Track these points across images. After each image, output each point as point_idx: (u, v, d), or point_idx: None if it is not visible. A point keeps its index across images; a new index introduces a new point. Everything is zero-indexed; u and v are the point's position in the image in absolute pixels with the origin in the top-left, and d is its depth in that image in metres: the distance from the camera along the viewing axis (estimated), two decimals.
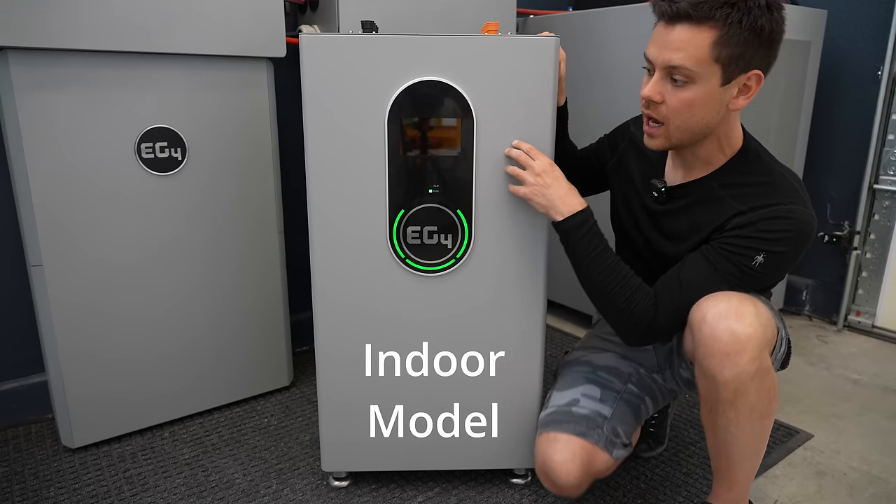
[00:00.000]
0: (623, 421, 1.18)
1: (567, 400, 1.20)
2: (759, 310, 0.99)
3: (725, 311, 0.98)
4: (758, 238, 1.01)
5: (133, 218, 1.44)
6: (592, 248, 1.10)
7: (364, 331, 1.25)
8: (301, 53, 1.11)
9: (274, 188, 1.62)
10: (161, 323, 1.52)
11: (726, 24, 0.94)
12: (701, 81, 0.98)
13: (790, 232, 1.00)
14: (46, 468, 1.42)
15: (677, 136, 1.05)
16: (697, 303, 1.02)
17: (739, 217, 1.03)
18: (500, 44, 1.12)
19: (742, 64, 0.98)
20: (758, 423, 1.03)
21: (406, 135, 1.15)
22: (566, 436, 1.13)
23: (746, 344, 0.96)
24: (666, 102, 1.02)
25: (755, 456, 1.09)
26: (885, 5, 2.04)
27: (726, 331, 0.96)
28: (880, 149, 2.13)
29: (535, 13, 2.24)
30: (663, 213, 1.16)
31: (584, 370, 1.26)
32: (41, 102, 1.28)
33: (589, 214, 1.12)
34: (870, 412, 1.71)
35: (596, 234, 1.11)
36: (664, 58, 0.99)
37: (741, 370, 0.97)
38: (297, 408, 1.69)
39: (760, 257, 1.01)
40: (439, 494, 1.35)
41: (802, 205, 1.03)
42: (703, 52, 0.96)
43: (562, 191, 1.12)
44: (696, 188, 1.12)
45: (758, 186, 1.05)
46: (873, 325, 2.22)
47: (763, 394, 1.00)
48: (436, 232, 1.19)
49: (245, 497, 1.33)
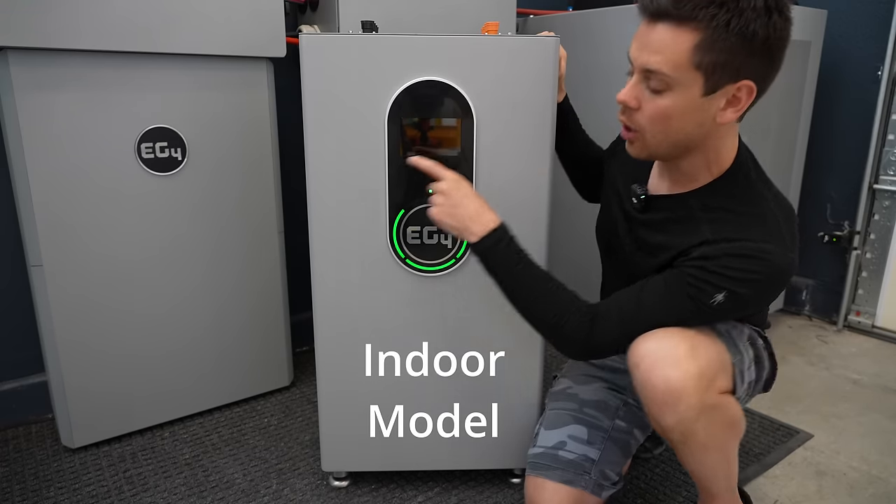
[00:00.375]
0: (611, 461, 1.14)
1: (554, 442, 1.15)
2: (697, 349, 0.93)
3: (660, 356, 0.92)
4: (720, 274, 0.91)
5: (133, 218, 1.44)
6: (513, 264, 1.02)
7: (364, 331, 1.25)
8: (301, 53, 1.11)
9: (274, 188, 1.62)
10: (161, 323, 1.52)
11: (711, 27, 0.84)
12: (679, 89, 0.88)
13: (758, 273, 0.90)
14: (46, 468, 1.42)
15: (655, 147, 0.97)
16: (635, 341, 0.95)
17: (705, 247, 0.93)
18: (500, 44, 1.12)
19: (730, 72, 0.87)
20: (714, 454, 1.01)
21: (406, 135, 1.15)
22: (553, 484, 1.10)
23: (681, 392, 0.91)
24: (642, 109, 0.93)
25: (726, 476, 1.08)
26: (885, 5, 2.04)
27: (660, 379, 0.92)
28: (880, 149, 2.13)
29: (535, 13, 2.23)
30: (640, 222, 1.08)
31: (571, 407, 1.20)
32: (41, 102, 1.28)
33: (504, 231, 1.03)
34: (870, 412, 1.71)
35: (515, 249, 1.03)
36: (642, 59, 0.90)
37: (681, 417, 0.93)
38: (297, 408, 1.69)
39: (720, 296, 0.91)
40: (439, 494, 1.35)
41: (780, 245, 0.92)
42: (683, 56, 0.86)
43: (472, 209, 1.03)
44: (676, 204, 1.03)
45: (738, 216, 0.95)
46: (873, 325, 2.22)
47: (714, 429, 0.97)
48: (436, 232, 1.19)
49: (245, 497, 1.33)
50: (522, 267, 1.02)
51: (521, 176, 1.18)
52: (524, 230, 1.19)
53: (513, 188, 1.18)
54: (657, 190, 1.08)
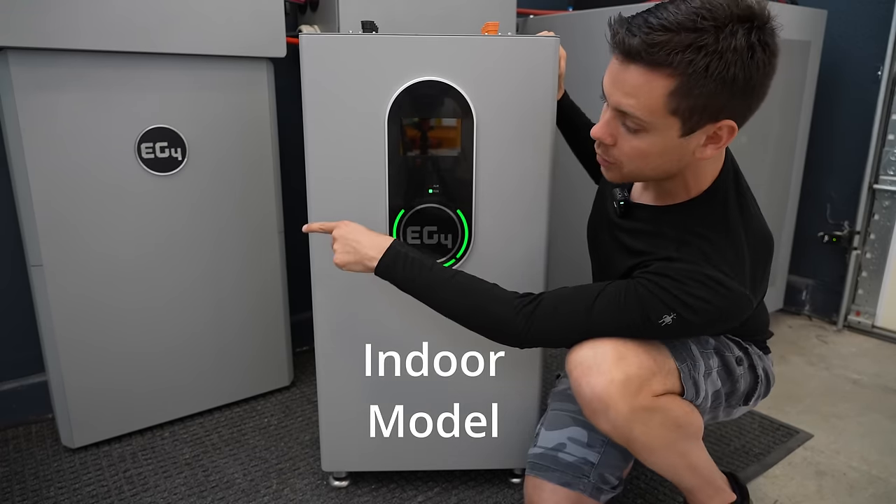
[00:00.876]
0: (611, 465, 1.13)
1: (554, 443, 1.15)
2: (625, 356, 0.94)
3: (588, 364, 0.94)
4: (674, 296, 0.89)
5: (133, 218, 1.44)
6: (417, 271, 1.02)
7: (364, 331, 1.25)
8: (301, 53, 1.11)
9: (274, 188, 1.62)
10: (161, 323, 1.52)
11: (687, 73, 0.79)
12: (655, 132, 0.86)
13: (711, 305, 0.89)
14: (46, 468, 1.42)
15: (632, 176, 0.97)
16: (572, 349, 0.98)
17: (666, 262, 0.93)
18: (500, 44, 1.12)
19: (709, 114, 0.83)
20: (664, 453, 1.02)
21: (406, 135, 1.15)
22: (552, 486, 1.11)
23: (608, 399, 0.92)
24: (618, 146, 0.91)
25: (690, 472, 1.08)
26: (885, 5, 2.04)
27: (587, 388, 0.94)
28: (880, 149, 2.13)
29: (535, 13, 2.24)
30: (618, 227, 1.08)
31: (572, 409, 1.19)
32: (41, 102, 1.28)
33: (400, 244, 1.04)
34: (870, 412, 1.71)
35: (417, 258, 1.03)
36: (615, 99, 0.87)
37: (614, 423, 0.95)
38: (297, 408, 1.69)
39: (669, 318, 0.90)
40: (439, 494, 1.35)
41: (740, 280, 0.91)
42: (657, 101, 0.82)
43: (365, 239, 1.05)
44: (651, 216, 1.02)
45: (705, 241, 0.93)
46: (873, 325, 2.22)
47: (654, 431, 0.97)
48: (436, 232, 1.19)
49: (245, 497, 1.33)
50: (429, 270, 1.03)
51: (521, 176, 1.18)
52: (524, 230, 1.20)
53: (513, 188, 1.18)
54: (639, 198, 1.08)
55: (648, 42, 0.79)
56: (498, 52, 1.12)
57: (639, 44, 0.79)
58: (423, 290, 1.04)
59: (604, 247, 1.14)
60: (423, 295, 1.04)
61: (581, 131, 1.32)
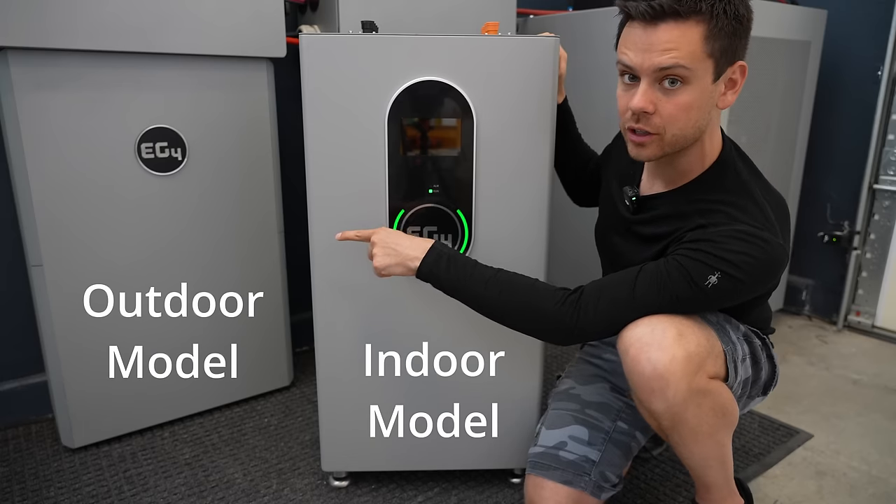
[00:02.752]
0: (611, 463, 1.13)
1: (555, 442, 1.15)
2: (685, 333, 0.94)
3: (646, 341, 0.93)
4: (714, 255, 0.92)
5: (133, 218, 1.44)
6: (462, 271, 1.04)
7: (364, 331, 1.25)
8: (301, 53, 1.11)
9: (274, 188, 1.62)
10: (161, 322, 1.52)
11: (713, 16, 0.89)
12: (696, 81, 0.92)
13: (752, 257, 0.92)
14: (46, 468, 1.42)
15: (672, 144, 0.98)
16: (625, 328, 0.96)
17: (699, 230, 0.96)
18: (500, 44, 1.12)
19: (729, 56, 0.93)
20: (706, 441, 1.01)
21: (406, 135, 1.15)
22: (552, 484, 1.10)
23: (669, 377, 0.92)
24: (659, 111, 0.94)
25: (719, 466, 1.08)
26: (884, 6, 2.04)
27: (647, 364, 0.92)
28: (880, 149, 2.13)
29: (535, 13, 2.24)
30: (633, 223, 1.11)
31: (573, 408, 1.20)
32: (41, 102, 1.28)
33: (442, 246, 1.06)
34: (870, 412, 1.71)
35: (460, 258, 1.05)
36: (652, 61, 0.91)
37: (670, 402, 0.94)
38: (297, 408, 1.69)
39: (714, 277, 0.91)
40: (439, 494, 1.35)
41: (773, 233, 0.95)
42: (697, 47, 0.89)
43: (406, 241, 1.07)
44: (667, 200, 1.06)
45: (728, 206, 0.98)
46: (873, 325, 2.22)
47: (704, 415, 0.97)
48: (436, 232, 1.19)
49: (245, 497, 1.33)
50: (472, 270, 1.04)
51: (521, 176, 1.18)
52: (524, 231, 1.20)
53: (513, 188, 1.18)
54: (649, 191, 1.10)
55: None
56: (498, 52, 1.12)
57: (666, 2, 0.88)
58: (467, 290, 1.04)
59: (618, 248, 1.15)
60: (466, 295, 1.05)
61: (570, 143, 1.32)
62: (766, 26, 1.86)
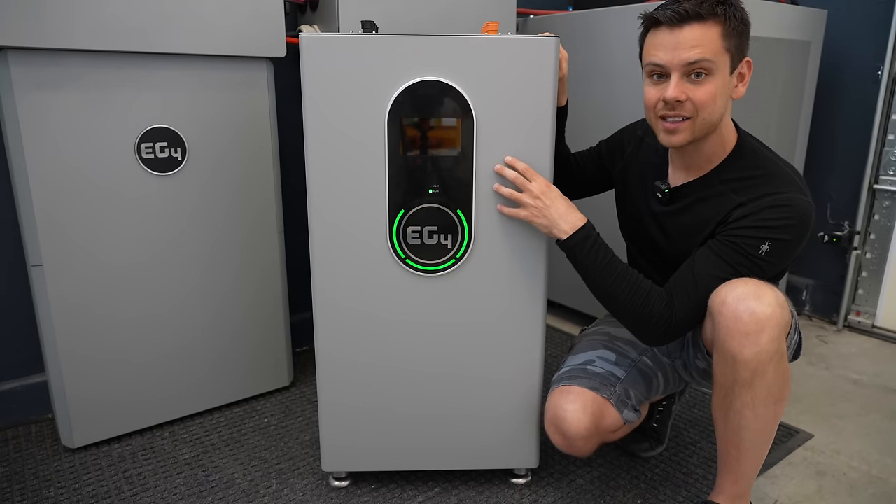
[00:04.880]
0: (635, 386, 1.23)
1: (582, 360, 1.26)
2: (776, 294, 1.03)
3: (745, 293, 1.01)
4: (761, 227, 1.05)
5: (133, 218, 1.44)
6: (601, 259, 1.14)
7: (364, 331, 1.25)
8: (301, 53, 1.11)
9: (274, 188, 1.62)
10: (161, 322, 1.52)
11: (727, 18, 1.04)
12: (717, 73, 1.05)
13: (791, 219, 1.05)
14: (46, 468, 1.42)
15: (700, 130, 1.09)
16: (716, 290, 1.05)
17: (741, 208, 1.08)
18: (500, 44, 1.12)
19: (740, 52, 1.08)
20: (772, 406, 1.06)
21: (406, 135, 1.15)
22: (579, 388, 1.18)
23: (766, 324, 0.99)
24: (690, 99, 1.07)
25: (763, 445, 1.11)
26: (884, 5, 2.04)
27: (746, 311, 1.00)
28: (880, 149, 2.13)
29: (535, 13, 2.24)
30: (668, 214, 1.21)
31: (602, 338, 1.32)
32: (41, 102, 1.28)
33: (591, 228, 1.15)
34: (870, 412, 1.71)
35: (601, 245, 1.15)
36: (682, 57, 1.04)
37: (761, 349, 1.00)
38: (297, 408, 1.69)
39: (766, 245, 1.05)
40: (439, 494, 1.35)
41: (801, 193, 1.08)
42: (717, 43, 1.04)
43: (562, 209, 1.14)
44: (699, 186, 1.16)
45: (756, 178, 1.10)
46: (873, 325, 2.22)
47: (779, 376, 1.03)
48: (436, 232, 1.19)
49: (245, 497, 1.33)
50: (608, 261, 1.14)
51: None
52: (524, 230, 1.20)
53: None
54: (677, 181, 1.21)
55: (697, 3, 1.03)
56: (498, 52, 1.12)
57: (691, 7, 1.03)
58: (596, 276, 1.14)
59: (651, 243, 1.26)
60: (593, 279, 1.15)
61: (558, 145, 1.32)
62: (767, 26, 1.86)
